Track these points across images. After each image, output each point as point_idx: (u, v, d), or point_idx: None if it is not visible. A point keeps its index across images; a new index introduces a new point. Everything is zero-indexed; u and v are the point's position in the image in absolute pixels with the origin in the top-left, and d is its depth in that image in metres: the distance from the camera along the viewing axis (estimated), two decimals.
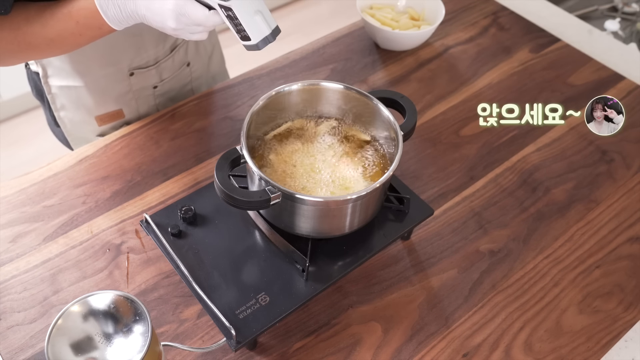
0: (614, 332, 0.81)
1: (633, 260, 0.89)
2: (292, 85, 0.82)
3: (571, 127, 1.07)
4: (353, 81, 1.14)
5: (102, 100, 1.03)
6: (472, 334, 0.79)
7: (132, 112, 1.08)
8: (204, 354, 0.75)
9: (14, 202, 0.90)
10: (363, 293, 0.82)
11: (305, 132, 0.85)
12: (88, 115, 1.05)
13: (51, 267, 0.83)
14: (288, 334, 0.78)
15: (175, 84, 1.11)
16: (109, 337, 0.59)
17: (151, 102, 1.09)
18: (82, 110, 1.04)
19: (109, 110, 1.05)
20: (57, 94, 1.01)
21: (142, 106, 1.09)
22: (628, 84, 1.16)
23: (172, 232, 0.79)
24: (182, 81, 1.12)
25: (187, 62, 1.11)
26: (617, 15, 1.63)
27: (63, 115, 1.05)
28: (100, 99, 1.03)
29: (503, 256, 0.88)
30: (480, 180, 0.98)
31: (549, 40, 1.24)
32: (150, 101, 1.09)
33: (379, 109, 0.80)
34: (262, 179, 0.70)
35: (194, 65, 1.13)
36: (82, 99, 1.02)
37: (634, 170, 1.01)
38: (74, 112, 1.04)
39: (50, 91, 1.01)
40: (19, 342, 0.75)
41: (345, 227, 0.76)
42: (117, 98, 1.04)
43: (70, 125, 1.07)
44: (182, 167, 0.96)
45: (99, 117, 1.05)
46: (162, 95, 1.10)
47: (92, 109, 1.04)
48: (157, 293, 0.80)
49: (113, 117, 1.06)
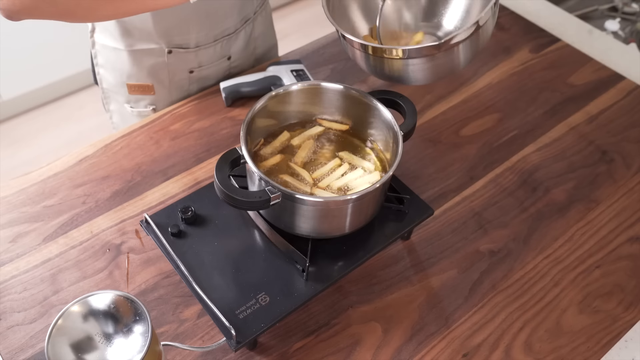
0: (614, 332, 0.81)
1: (633, 260, 0.89)
2: (292, 85, 0.82)
3: (571, 127, 1.07)
4: (353, 81, 1.14)
5: (137, 70, 1.06)
6: (472, 334, 0.79)
7: (163, 91, 1.09)
8: (204, 354, 0.75)
9: (14, 202, 0.90)
10: (363, 293, 0.82)
11: (305, 133, 0.85)
12: (121, 80, 1.08)
13: (51, 267, 0.83)
14: (288, 334, 0.78)
15: (212, 74, 1.12)
16: (109, 337, 0.59)
17: (185, 87, 1.11)
18: (117, 73, 1.07)
19: (141, 81, 1.07)
20: (99, 50, 1.06)
21: (175, 89, 1.10)
22: (628, 84, 1.16)
23: (172, 232, 0.79)
24: (219, 72, 1.13)
25: (229, 55, 1.12)
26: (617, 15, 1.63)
27: (102, 73, 1.09)
28: (135, 68, 1.05)
29: (503, 256, 0.88)
30: (480, 180, 0.98)
31: (549, 40, 1.24)
32: (184, 85, 1.11)
33: (379, 109, 0.80)
34: (262, 179, 0.70)
35: (236, 60, 1.14)
36: (119, 62, 1.05)
37: (634, 170, 1.01)
38: (110, 73, 1.08)
39: (94, 47, 1.05)
40: (19, 342, 0.75)
41: (346, 227, 0.76)
42: (151, 72, 1.06)
43: (105, 84, 1.10)
44: (182, 167, 0.96)
45: (130, 85, 1.08)
46: (197, 82, 1.11)
47: (125, 75, 1.07)
48: (157, 293, 0.80)
49: (143, 90, 1.09)
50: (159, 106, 1.11)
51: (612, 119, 1.09)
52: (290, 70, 1.08)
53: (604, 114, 1.10)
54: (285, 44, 1.37)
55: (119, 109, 1.14)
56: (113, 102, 1.13)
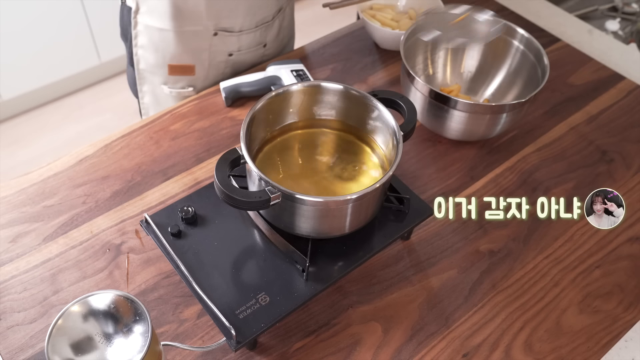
0: (614, 332, 0.81)
1: (633, 260, 0.89)
2: (292, 85, 0.82)
3: (571, 127, 1.07)
4: (353, 81, 1.14)
5: (181, 50, 1.07)
6: (472, 334, 0.79)
7: (202, 72, 1.12)
8: (204, 354, 0.75)
9: (14, 202, 0.90)
10: (363, 293, 0.82)
11: (304, 133, 0.85)
12: (162, 60, 1.09)
13: (51, 267, 0.83)
14: (288, 334, 0.78)
15: (248, 59, 1.15)
16: (109, 337, 0.59)
17: (221, 69, 1.13)
18: (159, 54, 1.09)
19: (183, 62, 1.09)
20: (141, 31, 1.07)
21: (213, 70, 1.13)
22: (628, 84, 1.16)
23: (172, 232, 0.79)
24: (253, 59, 1.16)
25: (265, 43, 1.15)
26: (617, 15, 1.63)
27: (140, 54, 1.10)
28: (179, 49, 1.07)
29: (503, 256, 0.88)
30: (480, 180, 0.98)
31: (549, 40, 1.24)
32: (221, 68, 1.13)
33: (379, 109, 0.80)
34: (262, 179, 0.70)
35: (270, 48, 1.17)
36: (163, 43, 1.07)
37: (634, 170, 1.01)
38: (151, 54, 1.09)
39: (136, 27, 1.06)
40: (19, 342, 0.75)
41: (346, 227, 0.76)
42: (194, 53, 1.09)
43: (143, 65, 1.11)
44: (182, 167, 0.96)
45: (172, 66, 1.10)
46: (232, 65, 1.14)
47: (168, 56, 1.08)
48: (157, 293, 0.80)
49: (184, 71, 1.11)
50: (197, 87, 1.14)
51: (612, 119, 1.09)
52: (290, 70, 1.08)
53: (604, 114, 1.10)
54: None
55: (153, 89, 1.15)
56: (147, 83, 1.15)
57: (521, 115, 0.97)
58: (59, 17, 2.10)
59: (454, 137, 1.00)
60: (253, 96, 1.07)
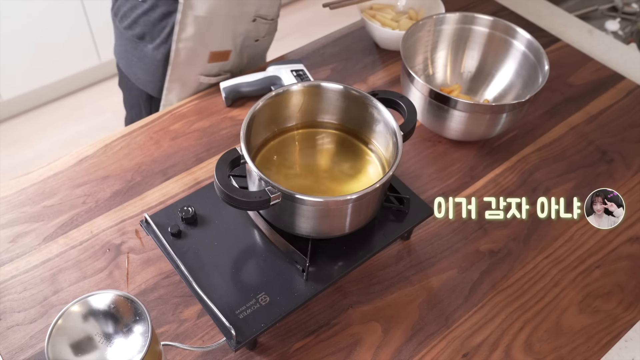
0: (614, 332, 0.81)
1: (633, 260, 0.89)
2: (291, 85, 0.82)
3: (571, 127, 1.07)
4: (353, 81, 1.14)
5: (222, 37, 1.09)
6: (472, 334, 0.79)
7: (235, 58, 1.14)
8: (204, 354, 0.75)
9: (14, 202, 0.90)
10: (363, 293, 0.82)
11: (304, 133, 0.85)
12: (206, 49, 1.09)
13: (51, 267, 0.83)
14: (288, 334, 0.78)
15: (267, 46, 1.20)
16: (109, 337, 0.59)
17: (249, 54, 1.16)
18: (202, 42, 1.08)
19: (223, 48, 1.11)
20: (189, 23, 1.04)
21: (245, 55, 1.15)
22: (628, 84, 1.16)
23: (172, 232, 0.79)
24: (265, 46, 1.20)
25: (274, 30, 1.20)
26: (617, 15, 1.63)
27: (182, 47, 1.07)
28: (222, 35, 1.08)
29: (503, 256, 0.88)
30: (480, 180, 0.98)
31: (549, 40, 1.24)
32: (250, 53, 1.16)
33: (379, 109, 0.80)
34: (262, 179, 0.70)
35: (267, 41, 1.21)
36: (209, 32, 1.06)
37: (634, 170, 1.01)
38: (195, 42, 1.08)
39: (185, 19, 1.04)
40: (19, 342, 0.75)
41: (346, 227, 0.76)
42: (233, 39, 1.10)
43: (184, 55, 1.08)
44: (182, 167, 0.96)
45: (213, 53, 1.10)
46: (253, 49, 1.16)
47: (210, 43, 1.08)
48: (157, 293, 0.80)
49: (222, 57, 1.12)
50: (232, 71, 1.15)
51: (612, 119, 1.09)
52: (290, 70, 1.08)
53: (604, 114, 1.10)
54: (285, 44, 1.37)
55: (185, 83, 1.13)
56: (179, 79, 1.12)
57: (521, 115, 0.97)
58: (59, 17, 2.10)
59: (454, 137, 1.01)
60: (253, 96, 1.07)
